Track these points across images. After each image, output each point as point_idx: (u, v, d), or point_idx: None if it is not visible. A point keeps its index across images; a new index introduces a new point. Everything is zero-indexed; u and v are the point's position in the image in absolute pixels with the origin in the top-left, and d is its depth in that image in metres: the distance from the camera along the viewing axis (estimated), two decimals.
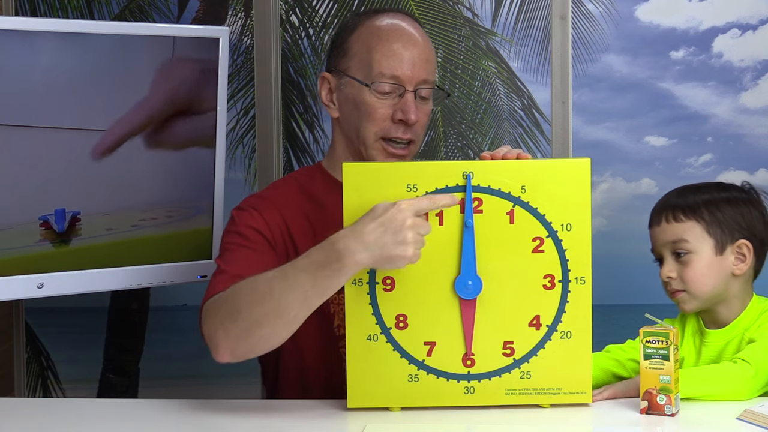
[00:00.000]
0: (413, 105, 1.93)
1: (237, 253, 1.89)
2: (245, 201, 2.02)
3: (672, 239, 1.88)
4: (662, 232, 1.89)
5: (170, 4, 2.82)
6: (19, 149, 2.16)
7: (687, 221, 1.87)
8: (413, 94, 1.93)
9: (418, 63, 1.93)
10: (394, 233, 1.61)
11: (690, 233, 1.87)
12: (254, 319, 1.68)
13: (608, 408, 1.74)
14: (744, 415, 1.65)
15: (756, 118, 2.71)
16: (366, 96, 1.94)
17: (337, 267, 1.62)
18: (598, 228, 2.72)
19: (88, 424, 1.74)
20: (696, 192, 1.91)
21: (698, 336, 1.92)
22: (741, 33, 2.71)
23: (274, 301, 1.66)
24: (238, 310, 1.69)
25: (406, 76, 1.93)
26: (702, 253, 1.86)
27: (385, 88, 1.93)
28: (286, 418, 1.74)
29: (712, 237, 1.86)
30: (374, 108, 1.93)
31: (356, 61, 1.96)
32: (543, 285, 1.71)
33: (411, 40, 1.95)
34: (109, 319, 2.90)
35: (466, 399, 1.73)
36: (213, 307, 1.76)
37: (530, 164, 1.73)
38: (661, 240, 1.90)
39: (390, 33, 1.95)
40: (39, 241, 2.20)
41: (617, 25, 2.73)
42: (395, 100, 1.93)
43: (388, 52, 1.93)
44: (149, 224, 2.33)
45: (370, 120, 1.94)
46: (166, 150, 2.34)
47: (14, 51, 2.13)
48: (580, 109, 2.75)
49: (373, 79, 1.93)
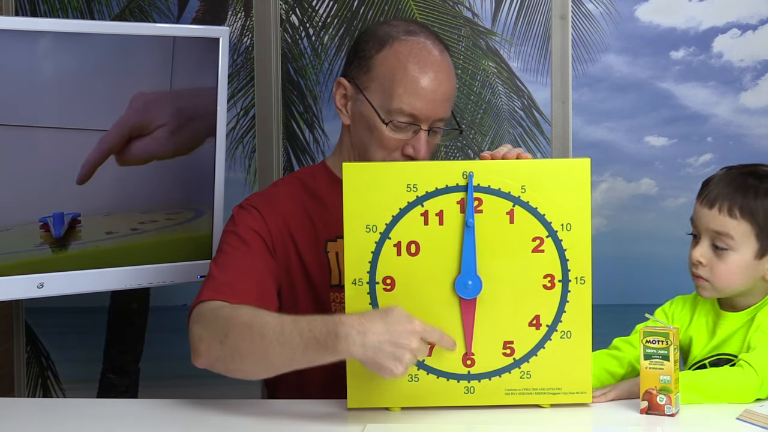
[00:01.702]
0: (425, 143, 1.92)
1: (230, 258, 1.89)
2: (248, 199, 2.02)
3: (717, 229, 1.81)
4: (711, 218, 1.81)
5: (170, 4, 2.82)
6: (19, 149, 2.16)
7: (741, 220, 1.80)
8: (427, 132, 1.92)
9: (438, 101, 1.91)
10: (395, 347, 1.61)
11: (738, 231, 1.80)
12: (238, 352, 1.71)
13: (608, 408, 1.74)
14: (744, 415, 1.65)
15: (756, 118, 2.71)
16: (379, 124, 1.92)
17: (331, 348, 1.64)
18: (598, 228, 2.72)
19: (88, 424, 1.74)
20: (759, 188, 1.82)
21: (712, 316, 1.88)
22: (741, 33, 2.71)
23: (263, 346, 1.69)
24: (227, 336, 1.72)
25: (424, 115, 1.91)
26: (742, 254, 1.81)
27: (401, 126, 1.92)
28: (286, 418, 1.74)
29: (759, 241, 1.81)
30: (387, 139, 1.92)
31: (377, 84, 1.93)
32: (543, 285, 1.71)
33: (437, 78, 1.92)
34: (109, 319, 2.90)
35: (466, 399, 1.73)
36: (206, 316, 1.78)
37: (530, 164, 1.73)
38: (705, 224, 1.83)
39: (417, 66, 1.91)
40: (39, 245, 2.20)
41: (617, 25, 2.73)
42: (408, 135, 1.92)
43: (411, 89, 1.90)
44: (149, 228, 2.33)
45: (380, 147, 1.93)
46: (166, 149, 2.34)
47: (14, 51, 2.12)
48: (580, 109, 2.75)
49: (392, 114, 1.90)
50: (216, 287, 1.83)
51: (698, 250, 1.83)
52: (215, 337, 1.74)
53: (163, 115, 2.31)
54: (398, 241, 1.71)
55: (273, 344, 1.68)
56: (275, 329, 1.68)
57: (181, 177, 2.36)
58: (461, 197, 1.70)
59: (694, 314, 1.90)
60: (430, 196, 1.71)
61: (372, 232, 1.71)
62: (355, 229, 1.71)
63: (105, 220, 2.27)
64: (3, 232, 2.15)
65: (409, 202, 1.71)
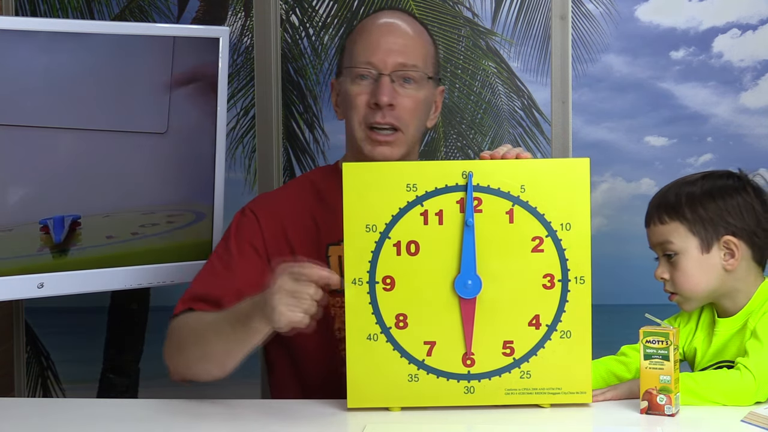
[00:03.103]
0: (387, 88, 1.92)
1: (212, 270, 1.95)
2: (252, 202, 2.04)
3: (659, 241, 1.87)
4: (651, 234, 1.89)
5: (170, 4, 2.82)
6: (19, 149, 2.16)
7: (671, 222, 1.85)
8: (389, 78, 1.92)
9: (396, 48, 1.94)
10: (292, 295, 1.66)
11: (674, 234, 1.84)
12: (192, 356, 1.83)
13: (608, 408, 1.74)
14: (749, 417, 1.64)
15: (756, 118, 2.71)
16: (348, 86, 1.95)
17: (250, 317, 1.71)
18: (598, 228, 2.72)
19: (88, 424, 1.74)
20: (680, 187, 1.88)
21: (710, 324, 1.89)
22: (741, 33, 2.71)
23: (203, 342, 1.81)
24: (180, 345, 1.86)
25: (381, 60, 1.93)
26: (688, 253, 1.84)
27: (361, 72, 1.94)
28: (286, 418, 1.74)
29: (696, 236, 1.83)
30: (354, 95, 1.94)
31: (346, 57, 1.99)
32: (543, 284, 1.71)
33: (393, 30, 1.96)
34: (109, 319, 2.90)
35: (466, 399, 1.73)
36: (170, 333, 1.90)
37: (530, 164, 1.73)
38: (652, 242, 1.89)
39: (374, 26, 1.98)
40: (39, 249, 2.20)
41: (617, 25, 2.73)
42: (373, 86, 1.93)
43: (367, 42, 1.95)
44: (149, 233, 2.33)
45: (353, 108, 1.95)
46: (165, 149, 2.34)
47: (14, 51, 2.13)
48: (580, 109, 2.75)
49: (353, 70, 1.94)
50: (187, 299, 1.93)
51: (658, 269, 1.88)
52: (174, 350, 1.88)
53: (163, 115, 2.31)
54: (398, 241, 1.71)
55: (211, 337, 1.79)
56: (211, 323, 1.80)
57: (181, 177, 2.36)
58: (461, 197, 1.70)
59: (697, 326, 1.91)
60: (430, 196, 1.71)
61: (372, 231, 1.71)
62: (354, 229, 1.71)
63: (105, 222, 2.27)
64: (3, 233, 2.15)
65: (409, 201, 1.71)
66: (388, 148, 1.93)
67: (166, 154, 2.34)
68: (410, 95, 1.94)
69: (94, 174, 2.26)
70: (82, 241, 2.24)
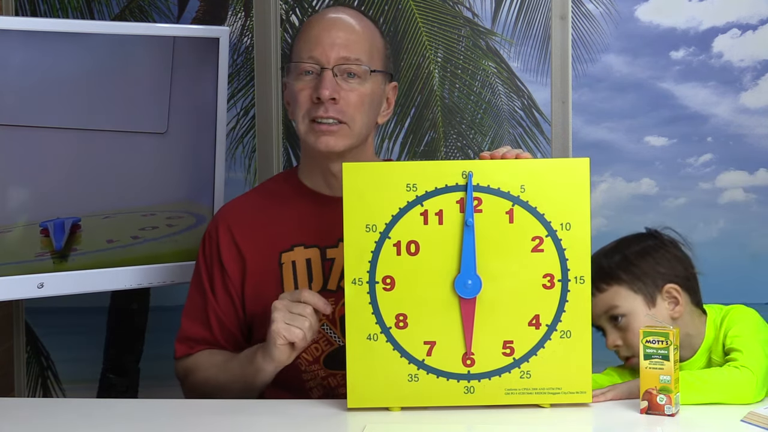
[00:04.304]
0: (329, 82, 1.91)
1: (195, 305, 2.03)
2: (213, 218, 2.09)
3: (604, 309, 1.89)
4: (595, 306, 1.85)
5: (170, 4, 2.82)
6: (19, 149, 2.16)
7: (609, 288, 1.88)
8: (331, 72, 1.92)
9: (339, 43, 1.93)
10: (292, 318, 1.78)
11: (617, 297, 1.88)
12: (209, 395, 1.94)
13: (608, 408, 1.74)
14: (749, 417, 1.64)
15: (756, 118, 2.71)
16: (292, 83, 1.96)
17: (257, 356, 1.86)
18: (598, 228, 2.72)
19: (88, 424, 1.74)
20: (606, 257, 1.91)
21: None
22: (741, 33, 2.70)
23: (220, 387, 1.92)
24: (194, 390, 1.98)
25: (323, 54, 1.92)
26: (636, 312, 1.87)
27: (304, 68, 1.93)
28: (286, 418, 1.74)
29: (639, 293, 1.88)
30: (298, 90, 1.94)
31: (292, 53, 1.99)
32: (542, 284, 1.71)
33: (336, 24, 1.96)
34: (109, 319, 2.90)
35: (466, 399, 1.73)
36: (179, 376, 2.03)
37: (529, 164, 1.73)
38: (596, 313, 1.88)
39: (318, 22, 1.97)
40: (39, 254, 2.20)
41: (617, 25, 2.73)
42: (316, 80, 1.93)
43: (310, 36, 1.95)
44: (150, 236, 2.33)
45: (297, 105, 1.95)
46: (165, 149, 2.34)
47: (14, 51, 2.13)
48: (580, 109, 2.75)
49: (297, 67, 1.94)
50: (183, 340, 2.02)
51: (609, 339, 1.91)
52: (189, 393, 2.01)
53: (163, 115, 2.31)
54: (398, 241, 1.71)
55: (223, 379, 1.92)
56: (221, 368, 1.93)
57: (181, 177, 2.36)
58: (461, 197, 1.70)
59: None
60: (430, 196, 1.71)
61: (372, 231, 1.71)
62: (354, 229, 1.71)
63: (105, 224, 2.27)
64: (3, 233, 2.15)
65: (409, 201, 1.71)
66: (332, 138, 1.92)
67: (166, 154, 2.34)
68: (353, 89, 1.93)
69: (94, 174, 2.26)
70: (83, 246, 2.24)
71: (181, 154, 2.36)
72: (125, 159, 2.29)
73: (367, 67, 1.94)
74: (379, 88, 1.98)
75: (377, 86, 1.97)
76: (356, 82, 1.93)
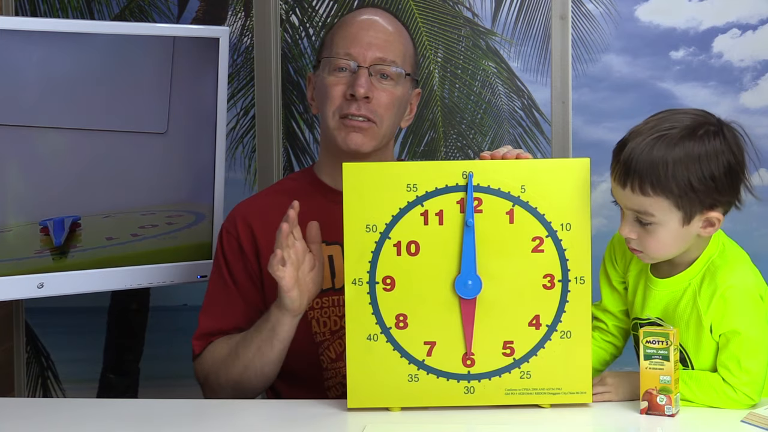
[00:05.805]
0: (365, 80, 1.93)
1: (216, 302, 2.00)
2: (229, 215, 2.07)
3: (636, 209, 1.70)
4: (626, 197, 1.70)
5: (170, 4, 2.82)
6: (19, 149, 2.16)
7: (654, 196, 1.67)
8: (367, 71, 1.93)
9: (375, 43, 1.95)
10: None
11: (656, 207, 1.68)
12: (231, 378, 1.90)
13: (608, 408, 1.74)
14: (749, 417, 1.64)
15: (756, 118, 2.71)
16: (325, 77, 1.97)
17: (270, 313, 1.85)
18: (598, 228, 2.72)
19: (88, 424, 1.74)
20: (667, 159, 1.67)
21: (644, 280, 1.81)
22: (741, 33, 2.71)
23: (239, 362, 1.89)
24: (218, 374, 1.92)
25: (360, 53, 1.94)
26: (668, 226, 1.71)
27: (339, 64, 1.95)
28: (286, 418, 1.74)
29: (680, 210, 1.70)
30: (331, 86, 1.95)
31: (325, 49, 2.00)
32: (543, 285, 1.71)
33: (374, 25, 1.98)
34: (109, 319, 2.90)
35: (466, 399, 1.73)
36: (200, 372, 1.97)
37: (530, 164, 1.73)
38: (623, 203, 1.72)
39: (356, 21, 1.99)
40: (38, 252, 2.20)
41: (617, 25, 2.73)
42: (351, 78, 1.94)
43: (347, 34, 1.97)
44: (149, 234, 2.33)
45: (328, 99, 1.96)
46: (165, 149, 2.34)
47: (14, 51, 2.13)
48: (580, 109, 2.75)
49: (332, 62, 1.96)
50: (202, 336, 1.98)
51: (625, 228, 1.73)
52: (214, 382, 1.94)
53: (163, 115, 2.31)
54: (398, 241, 1.71)
55: (241, 350, 1.88)
56: (239, 340, 1.90)
57: (181, 177, 2.36)
58: (461, 197, 1.70)
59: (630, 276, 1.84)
60: (430, 196, 1.71)
61: (372, 231, 1.71)
62: (355, 229, 1.71)
63: (105, 223, 2.27)
64: (3, 233, 2.15)
65: (409, 201, 1.71)
66: (360, 135, 1.94)
67: (166, 154, 2.34)
68: (387, 90, 1.95)
69: (94, 174, 2.26)
70: (82, 243, 2.24)
71: (181, 154, 2.36)
72: (125, 159, 2.29)
73: (401, 70, 1.97)
74: (407, 93, 2.01)
75: (406, 90, 2.00)
76: (389, 83, 1.96)
